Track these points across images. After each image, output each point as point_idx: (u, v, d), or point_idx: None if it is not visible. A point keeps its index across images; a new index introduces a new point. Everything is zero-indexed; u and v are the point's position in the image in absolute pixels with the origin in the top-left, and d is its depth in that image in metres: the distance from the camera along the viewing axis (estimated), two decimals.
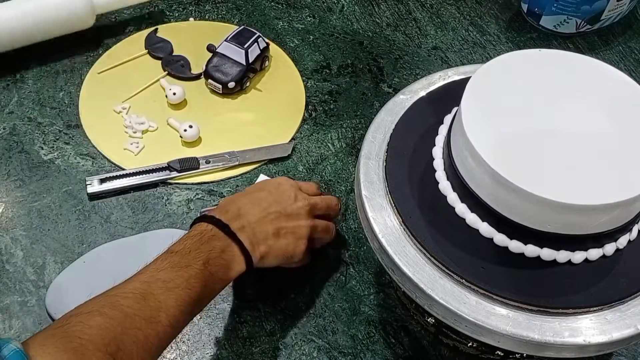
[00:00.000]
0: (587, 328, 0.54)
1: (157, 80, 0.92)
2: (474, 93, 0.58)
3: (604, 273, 0.57)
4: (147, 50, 0.95)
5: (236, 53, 0.90)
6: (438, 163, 0.62)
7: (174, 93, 0.88)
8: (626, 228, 0.57)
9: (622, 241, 0.57)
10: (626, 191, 0.52)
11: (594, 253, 0.56)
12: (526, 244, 0.56)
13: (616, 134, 0.56)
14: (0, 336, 0.66)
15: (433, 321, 0.67)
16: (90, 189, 0.80)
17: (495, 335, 0.55)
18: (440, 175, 0.61)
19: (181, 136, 0.86)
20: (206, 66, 0.91)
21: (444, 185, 0.60)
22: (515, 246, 0.56)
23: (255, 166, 0.85)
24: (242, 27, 0.93)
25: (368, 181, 0.63)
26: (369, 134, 0.67)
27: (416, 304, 0.60)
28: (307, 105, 0.91)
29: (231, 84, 0.89)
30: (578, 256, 0.56)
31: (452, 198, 0.59)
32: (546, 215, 0.53)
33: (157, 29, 0.98)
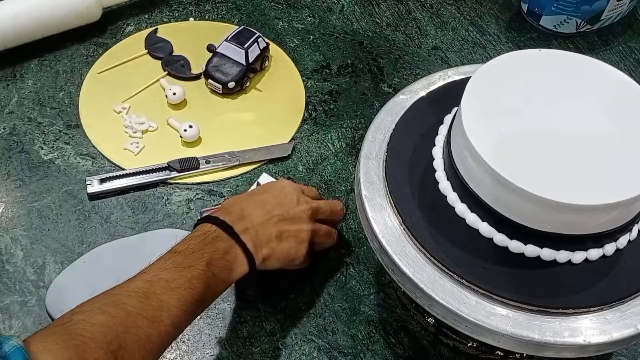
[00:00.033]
0: (587, 328, 0.54)
1: (157, 80, 0.92)
2: (474, 93, 0.58)
3: (604, 273, 0.57)
4: (147, 50, 0.95)
5: (236, 53, 0.90)
6: (438, 163, 0.62)
7: (174, 93, 0.88)
8: (626, 228, 0.57)
9: (622, 241, 0.57)
10: (626, 191, 0.52)
11: (594, 253, 0.56)
12: (526, 244, 0.56)
13: (616, 134, 0.56)
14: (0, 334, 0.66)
15: (433, 321, 0.67)
16: (90, 189, 0.80)
17: (495, 335, 0.55)
18: (440, 175, 0.61)
19: (181, 136, 0.86)
20: (206, 66, 0.91)
21: (444, 185, 0.60)
22: (515, 246, 0.56)
23: (255, 166, 0.85)
24: (242, 27, 0.93)
25: (368, 181, 0.63)
26: (369, 134, 0.67)
27: (416, 304, 0.60)
28: (307, 105, 0.91)
29: (231, 84, 0.89)
30: (578, 256, 0.56)
31: (452, 198, 0.59)
32: (546, 215, 0.53)
33: (157, 29, 0.98)
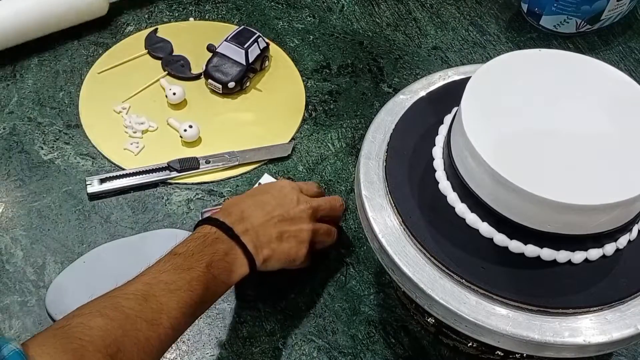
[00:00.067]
0: (587, 328, 0.54)
1: (157, 80, 0.92)
2: (474, 93, 0.58)
3: (604, 273, 0.57)
4: (147, 50, 0.95)
5: (236, 53, 0.90)
6: (438, 163, 0.62)
7: (174, 93, 0.88)
8: (626, 228, 0.57)
9: (622, 241, 0.57)
10: (626, 191, 0.52)
11: (594, 253, 0.56)
12: (526, 244, 0.56)
13: (616, 134, 0.56)
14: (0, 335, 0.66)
15: (433, 321, 0.67)
16: (90, 189, 0.80)
17: (495, 335, 0.55)
18: (440, 175, 0.61)
19: (181, 136, 0.86)
20: (206, 66, 0.91)
21: (444, 185, 0.60)
22: (515, 246, 0.56)
23: (255, 166, 0.85)
24: (242, 27, 0.93)
25: (368, 181, 0.63)
26: (369, 134, 0.67)
27: (416, 304, 0.60)
28: (307, 105, 0.91)
29: (231, 84, 0.89)
30: (578, 256, 0.56)
31: (452, 198, 0.59)
32: (546, 215, 0.53)
33: (157, 29, 0.98)
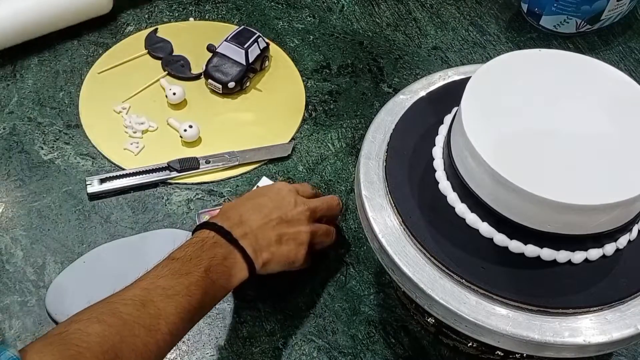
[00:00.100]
0: (587, 328, 0.54)
1: (157, 80, 0.92)
2: (474, 93, 0.58)
3: (604, 273, 0.57)
4: (147, 50, 0.95)
5: (236, 53, 0.90)
6: (438, 163, 0.62)
7: (174, 93, 0.88)
8: (626, 228, 0.57)
9: (622, 241, 0.57)
10: (626, 191, 0.52)
11: (594, 253, 0.56)
12: (526, 244, 0.56)
13: (616, 134, 0.56)
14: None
15: (433, 321, 0.67)
16: (90, 189, 0.80)
17: (495, 335, 0.55)
18: (440, 175, 0.61)
19: (181, 136, 0.86)
20: (206, 66, 0.91)
21: (444, 185, 0.60)
22: (515, 246, 0.56)
23: (255, 166, 0.85)
24: (242, 27, 0.93)
25: (368, 181, 0.63)
26: (369, 134, 0.67)
27: (416, 304, 0.60)
28: (307, 105, 0.91)
29: (231, 84, 0.89)
30: (578, 256, 0.56)
31: (452, 198, 0.59)
32: (546, 215, 0.53)
33: (157, 29, 0.98)
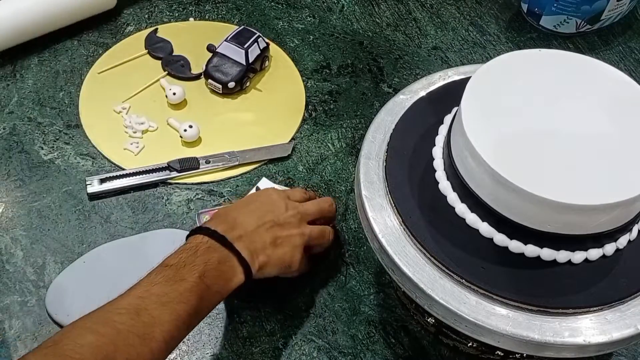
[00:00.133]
0: (587, 328, 0.54)
1: (157, 80, 0.92)
2: (474, 93, 0.58)
3: (604, 273, 0.57)
4: (147, 50, 0.95)
5: (236, 53, 0.90)
6: (438, 163, 0.62)
7: (174, 93, 0.88)
8: (626, 228, 0.57)
9: (622, 241, 0.57)
10: (626, 191, 0.52)
11: (594, 253, 0.56)
12: (526, 244, 0.56)
13: (616, 134, 0.56)
14: None
15: (433, 321, 0.67)
16: (90, 189, 0.80)
17: (495, 335, 0.55)
18: (440, 175, 0.61)
19: (181, 136, 0.86)
20: (206, 66, 0.91)
21: (444, 185, 0.60)
22: (515, 246, 0.56)
23: (255, 166, 0.85)
24: (242, 27, 0.93)
25: (368, 181, 0.63)
26: (369, 134, 0.67)
27: (416, 304, 0.60)
28: (307, 105, 0.91)
29: (231, 84, 0.89)
30: (578, 256, 0.56)
31: (452, 198, 0.59)
32: (546, 215, 0.53)
33: (157, 29, 0.98)
